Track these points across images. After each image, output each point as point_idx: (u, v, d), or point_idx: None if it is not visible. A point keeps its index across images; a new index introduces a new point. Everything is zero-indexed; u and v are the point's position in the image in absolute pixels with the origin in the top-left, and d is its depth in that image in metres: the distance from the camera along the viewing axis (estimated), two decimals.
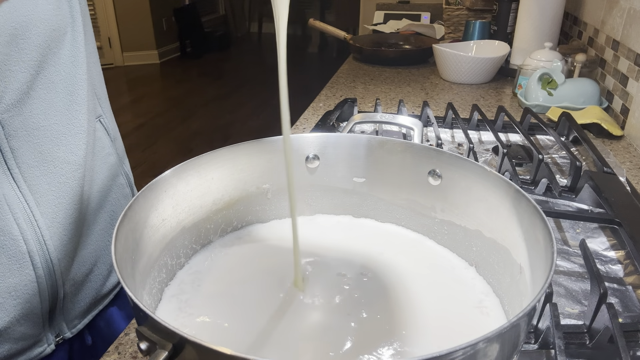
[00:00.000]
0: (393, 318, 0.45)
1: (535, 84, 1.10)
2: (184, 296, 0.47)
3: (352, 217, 0.61)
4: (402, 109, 0.98)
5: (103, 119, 0.64)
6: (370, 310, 0.46)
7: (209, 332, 0.43)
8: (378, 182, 0.58)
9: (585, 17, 1.33)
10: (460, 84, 1.33)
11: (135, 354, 0.48)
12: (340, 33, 1.68)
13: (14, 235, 0.50)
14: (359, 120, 0.77)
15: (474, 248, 0.52)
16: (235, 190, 0.55)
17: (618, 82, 1.07)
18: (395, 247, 0.56)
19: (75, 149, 0.56)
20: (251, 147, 0.54)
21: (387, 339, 0.42)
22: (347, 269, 0.51)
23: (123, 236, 0.39)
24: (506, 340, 0.32)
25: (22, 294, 0.52)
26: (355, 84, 1.33)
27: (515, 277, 0.45)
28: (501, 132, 0.96)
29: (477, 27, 1.53)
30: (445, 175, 0.53)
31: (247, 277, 0.51)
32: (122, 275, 0.34)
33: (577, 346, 0.46)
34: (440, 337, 0.43)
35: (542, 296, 0.34)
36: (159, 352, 0.30)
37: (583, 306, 0.53)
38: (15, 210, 0.50)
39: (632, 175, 0.83)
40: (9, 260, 0.50)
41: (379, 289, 0.49)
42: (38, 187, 0.52)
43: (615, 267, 0.58)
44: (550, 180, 0.73)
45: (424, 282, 0.50)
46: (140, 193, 0.43)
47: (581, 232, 0.65)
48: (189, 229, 0.52)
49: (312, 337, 0.43)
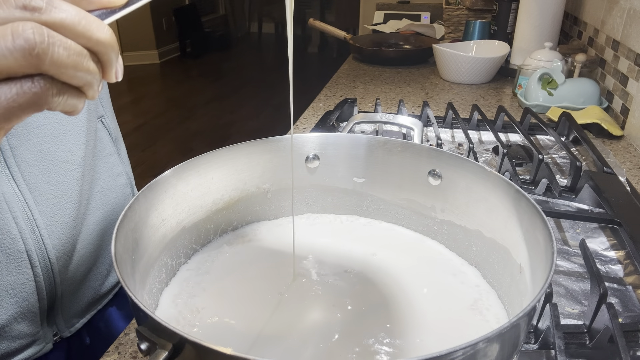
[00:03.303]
0: (392, 316, 0.45)
1: (535, 84, 1.10)
2: (184, 296, 0.47)
3: (352, 216, 0.61)
4: (402, 109, 0.98)
5: (105, 120, 0.64)
6: (370, 308, 0.46)
7: (209, 331, 0.43)
8: (378, 182, 0.58)
9: (585, 17, 1.33)
10: (460, 84, 1.33)
11: (135, 354, 0.48)
12: (340, 33, 1.68)
13: (12, 233, 0.50)
14: (359, 120, 0.77)
15: (474, 248, 0.52)
16: (235, 190, 0.55)
17: (618, 82, 1.07)
18: (395, 246, 0.56)
19: (75, 149, 0.56)
20: (251, 147, 0.54)
21: (385, 335, 0.42)
22: (347, 268, 0.51)
23: (123, 236, 0.39)
24: (506, 340, 0.32)
25: (19, 292, 0.52)
26: (355, 84, 1.33)
27: (515, 277, 0.45)
28: (501, 132, 0.96)
29: (477, 27, 1.53)
30: (445, 175, 0.53)
31: (246, 276, 0.51)
32: (122, 275, 0.34)
33: (577, 346, 0.46)
34: (439, 335, 0.43)
35: (542, 296, 0.34)
36: (159, 352, 0.30)
37: (583, 306, 0.53)
38: (13, 209, 0.50)
39: (632, 175, 0.83)
40: (7, 258, 0.50)
41: (379, 287, 0.49)
42: (37, 186, 0.52)
43: (615, 267, 0.58)
44: (550, 180, 0.72)
45: (424, 281, 0.50)
46: (140, 193, 0.43)
47: (581, 232, 0.65)
48: (189, 229, 0.52)
49: (312, 336, 0.43)
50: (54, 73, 0.28)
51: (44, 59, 0.27)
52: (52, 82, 0.28)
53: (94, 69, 0.29)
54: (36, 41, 0.26)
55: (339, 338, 0.42)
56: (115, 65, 0.31)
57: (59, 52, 0.27)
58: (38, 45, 0.26)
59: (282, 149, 0.56)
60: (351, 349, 0.41)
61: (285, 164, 0.57)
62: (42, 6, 0.27)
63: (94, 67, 0.29)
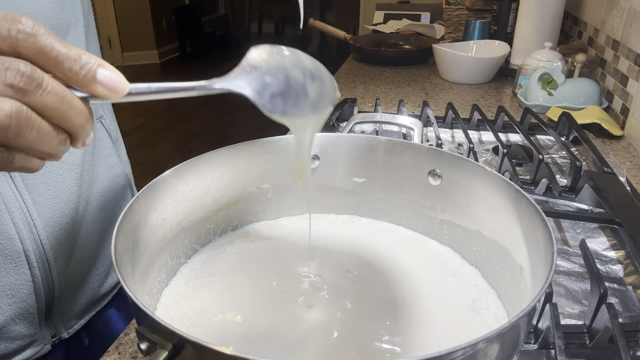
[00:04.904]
0: (392, 315, 0.45)
1: (535, 84, 1.10)
2: (184, 296, 0.48)
3: (352, 216, 0.61)
4: (402, 109, 0.98)
5: (104, 120, 0.64)
6: (370, 307, 0.46)
7: (209, 331, 0.43)
8: (378, 182, 0.58)
9: (585, 17, 1.33)
10: (460, 84, 1.33)
11: (135, 354, 0.48)
12: (340, 33, 1.68)
13: (10, 234, 0.50)
14: (359, 120, 0.77)
15: (474, 248, 0.52)
16: (235, 190, 0.55)
17: (618, 82, 1.07)
18: (395, 246, 0.56)
19: (73, 149, 0.56)
20: (251, 147, 0.54)
21: (385, 333, 0.42)
22: (347, 267, 0.51)
23: (123, 236, 0.39)
24: (506, 340, 0.32)
25: (17, 292, 0.52)
26: (355, 84, 1.33)
27: (515, 277, 0.45)
28: (501, 132, 0.95)
29: (477, 27, 1.53)
30: (445, 175, 0.53)
31: (247, 276, 0.51)
32: (122, 275, 0.34)
33: (577, 346, 0.46)
34: (438, 334, 0.43)
35: (542, 296, 0.34)
36: (159, 352, 0.30)
37: (583, 306, 0.53)
38: (11, 209, 0.50)
39: (632, 175, 0.83)
40: (4, 259, 0.50)
41: (379, 287, 0.49)
42: (35, 187, 0.52)
43: (615, 267, 0.58)
44: (550, 180, 0.72)
45: (423, 280, 0.50)
46: (140, 193, 0.43)
47: (581, 232, 0.65)
48: (189, 229, 0.52)
49: (313, 335, 0.43)
50: (19, 149, 0.29)
51: (13, 139, 0.28)
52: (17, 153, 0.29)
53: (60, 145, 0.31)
54: (10, 124, 0.27)
55: (340, 337, 0.42)
56: (83, 140, 0.32)
57: (30, 135, 0.28)
58: (11, 129, 0.27)
59: (282, 149, 0.56)
60: (352, 347, 0.41)
61: (285, 164, 0.57)
62: (29, 89, 0.27)
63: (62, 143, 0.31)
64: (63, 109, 0.29)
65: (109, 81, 0.30)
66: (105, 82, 0.30)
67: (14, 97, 0.27)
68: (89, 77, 0.29)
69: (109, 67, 0.30)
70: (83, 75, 0.29)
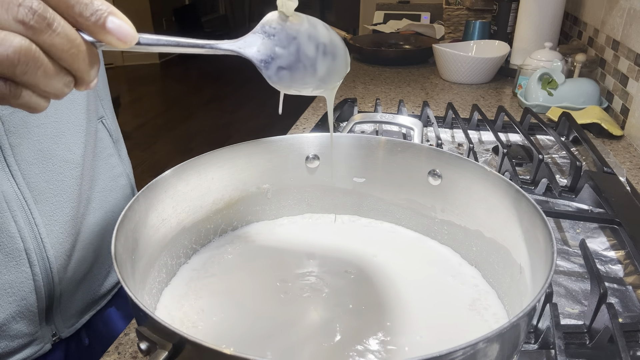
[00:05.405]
0: (392, 315, 0.45)
1: (535, 84, 1.10)
2: (184, 296, 0.48)
3: (352, 216, 0.61)
4: (402, 109, 0.98)
5: (105, 120, 0.64)
6: (370, 307, 0.46)
7: (209, 331, 0.43)
8: (378, 182, 0.58)
9: (585, 17, 1.33)
10: (460, 84, 1.33)
11: (135, 354, 0.48)
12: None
13: (11, 232, 0.50)
14: (359, 120, 0.77)
15: (474, 248, 0.52)
16: (235, 190, 0.55)
17: (618, 82, 1.07)
18: (395, 246, 0.56)
19: (74, 148, 0.56)
20: (251, 147, 0.54)
21: (385, 333, 0.42)
22: (347, 268, 0.51)
23: (123, 236, 0.39)
24: (506, 340, 0.32)
25: (18, 291, 0.52)
26: (355, 84, 1.33)
27: (515, 277, 0.45)
28: (501, 132, 0.95)
29: (477, 27, 1.53)
30: (445, 175, 0.53)
31: (247, 276, 0.51)
32: (122, 275, 0.34)
33: (577, 346, 0.46)
34: (438, 333, 0.43)
35: (542, 296, 0.34)
36: (159, 352, 0.30)
37: (583, 306, 0.53)
38: (12, 207, 0.50)
39: (632, 175, 0.83)
40: (5, 257, 0.50)
41: (379, 287, 0.49)
42: (36, 185, 0.52)
43: (615, 267, 0.58)
44: (550, 180, 0.72)
45: (423, 280, 0.50)
46: (140, 193, 0.43)
47: (581, 232, 0.65)
48: (189, 229, 0.52)
49: (313, 335, 0.43)
50: (24, 86, 0.29)
51: (20, 75, 0.28)
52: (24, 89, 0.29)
53: (65, 87, 0.30)
54: (19, 60, 0.27)
55: (340, 337, 0.42)
56: (88, 84, 0.32)
57: (36, 73, 0.28)
58: (20, 65, 0.27)
59: (282, 149, 0.56)
60: (352, 347, 0.41)
61: (285, 164, 0.57)
62: (39, 28, 0.27)
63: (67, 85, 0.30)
64: (71, 52, 0.29)
65: (118, 29, 0.29)
66: (114, 30, 0.29)
67: (24, 34, 0.27)
68: (99, 24, 0.29)
69: (119, 16, 0.30)
70: (93, 21, 0.29)
